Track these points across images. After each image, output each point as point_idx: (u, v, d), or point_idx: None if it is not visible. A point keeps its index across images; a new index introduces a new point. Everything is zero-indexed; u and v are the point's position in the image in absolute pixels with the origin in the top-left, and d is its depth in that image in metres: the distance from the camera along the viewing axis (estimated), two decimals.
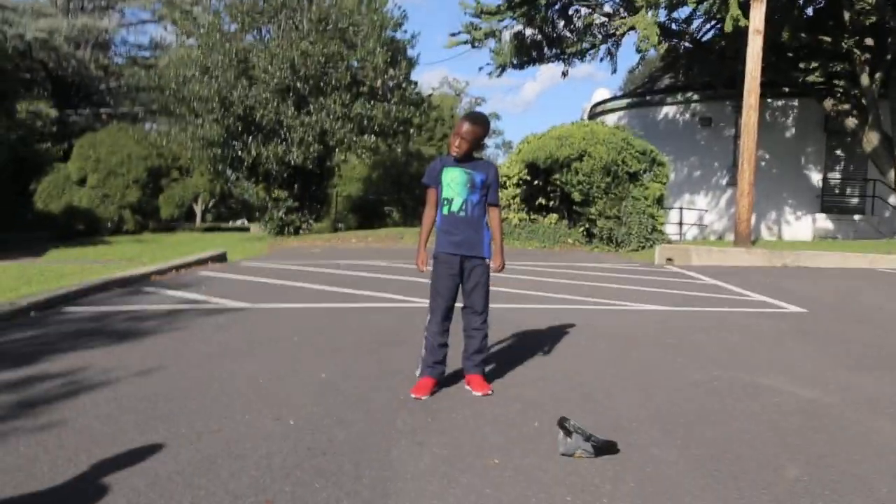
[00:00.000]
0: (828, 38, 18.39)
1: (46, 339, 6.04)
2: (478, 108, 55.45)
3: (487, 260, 4.56)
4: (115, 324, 6.77)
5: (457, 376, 4.73)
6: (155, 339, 6.06)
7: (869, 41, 18.02)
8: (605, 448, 3.42)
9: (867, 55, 18.17)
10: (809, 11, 20.13)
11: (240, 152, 21.10)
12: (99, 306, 7.81)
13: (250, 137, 20.98)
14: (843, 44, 18.02)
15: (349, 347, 5.76)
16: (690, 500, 2.95)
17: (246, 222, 47.39)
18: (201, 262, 12.53)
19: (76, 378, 4.76)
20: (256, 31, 23.27)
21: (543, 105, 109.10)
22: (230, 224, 46.42)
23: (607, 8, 21.41)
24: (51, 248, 18.61)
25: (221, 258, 13.54)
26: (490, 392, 4.46)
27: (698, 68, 22.13)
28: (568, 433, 3.43)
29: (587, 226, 17.13)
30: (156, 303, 8.06)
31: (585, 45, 22.40)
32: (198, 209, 40.82)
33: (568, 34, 22.58)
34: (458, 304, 4.59)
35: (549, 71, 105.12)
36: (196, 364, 5.17)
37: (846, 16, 17.70)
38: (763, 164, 22.54)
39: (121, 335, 6.19)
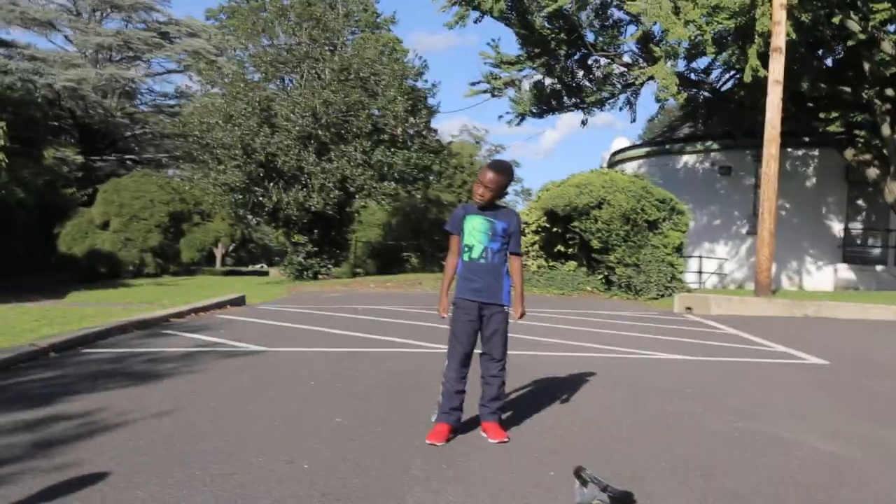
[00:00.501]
0: (848, 89, 18.42)
1: (65, 379, 6.06)
2: (497, 156, 55.77)
3: (507, 307, 4.56)
4: (133, 365, 6.80)
5: (473, 423, 4.70)
6: (172, 380, 6.07)
7: (889, 91, 18.02)
8: (621, 499, 3.38)
9: (888, 105, 18.16)
10: (829, 62, 20.19)
11: (261, 198, 21.31)
12: (118, 348, 7.84)
13: (271, 183, 21.20)
14: (863, 94, 18.04)
15: (365, 392, 5.74)
16: None
17: (265, 266, 47.72)
18: (220, 306, 12.59)
19: (93, 419, 4.77)
20: (279, 80, 23.69)
21: (563, 153, 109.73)
22: (250, 268, 46.72)
23: (626, 58, 21.59)
24: (72, 291, 18.78)
25: (240, 301, 13.60)
26: (506, 439, 4.42)
27: (717, 118, 22.18)
28: (584, 483, 3.38)
29: (606, 273, 17.08)
30: (174, 345, 8.08)
31: (604, 94, 22.56)
32: (218, 253, 41.14)
33: (587, 83, 22.77)
34: (477, 351, 4.57)
35: (569, 119, 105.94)
36: (212, 406, 5.17)
37: (866, 66, 17.75)
38: (783, 213, 22.45)
39: (139, 377, 6.21)
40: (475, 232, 4.48)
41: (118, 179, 31.35)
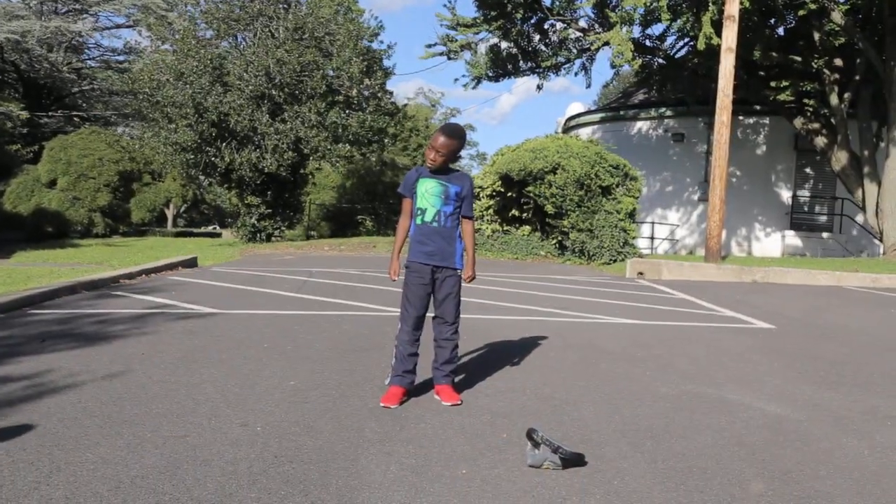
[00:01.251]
0: (798, 58, 18.67)
1: (11, 341, 5.95)
2: (453, 120, 55.60)
3: (459, 271, 4.57)
4: (81, 327, 6.70)
5: (426, 386, 4.73)
6: (122, 342, 5.99)
7: (838, 61, 18.31)
8: (572, 460, 3.43)
9: (836, 75, 18.46)
10: (781, 31, 20.42)
11: (213, 158, 20.99)
12: (66, 309, 7.71)
13: (224, 143, 20.88)
14: (813, 64, 18.30)
15: (319, 355, 5.73)
16: None
17: (218, 228, 47.17)
18: (171, 267, 12.43)
19: (41, 381, 4.69)
20: (232, 37, 23.23)
21: (519, 118, 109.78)
22: (202, 229, 46.15)
23: (582, 23, 21.59)
24: (18, 250, 18.38)
25: (192, 263, 13.44)
26: (459, 402, 4.46)
27: (671, 85, 22.36)
28: (536, 445, 3.43)
29: (560, 238, 17.20)
30: (124, 307, 7.98)
31: (560, 59, 22.58)
32: (169, 214, 40.51)
33: (543, 48, 22.75)
34: (430, 314, 4.59)
35: (525, 84, 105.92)
36: (163, 368, 5.12)
37: (816, 36, 17.99)
38: (734, 180, 22.80)
39: (88, 338, 6.12)
40: (428, 195, 4.47)
41: (65, 136, 30.64)
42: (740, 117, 22.63)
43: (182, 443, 3.60)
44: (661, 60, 22.27)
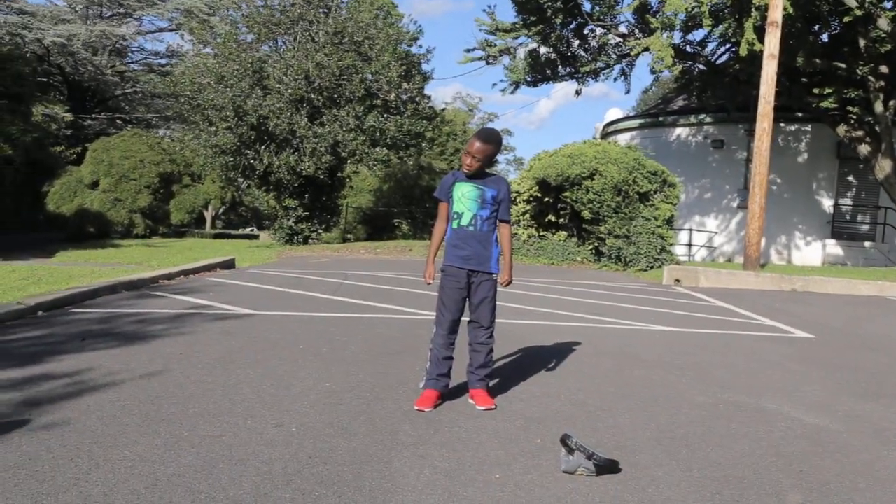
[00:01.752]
0: (842, 65, 18.38)
1: (52, 339, 6.06)
2: (490, 124, 55.51)
3: (495, 275, 4.56)
4: (121, 326, 6.79)
5: (461, 389, 4.73)
6: (161, 342, 6.07)
7: (884, 69, 18.00)
8: (606, 467, 3.41)
9: (882, 83, 18.14)
10: (825, 38, 20.11)
11: (252, 161, 21.19)
12: (106, 308, 7.83)
13: (263, 146, 21.07)
14: (857, 70, 18.00)
15: (354, 357, 5.76)
16: None
17: (255, 230, 47.60)
18: (209, 268, 12.57)
19: (81, 378, 4.77)
20: (272, 41, 23.43)
21: (557, 123, 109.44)
22: (240, 231, 46.61)
23: (622, 28, 21.46)
24: (60, 250, 18.71)
25: (230, 265, 13.58)
26: (493, 406, 4.45)
27: (712, 91, 22.12)
28: (570, 450, 3.41)
29: (596, 244, 17.11)
30: (163, 307, 8.08)
31: (600, 64, 22.45)
32: (208, 215, 40.96)
33: (582, 53, 22.65)
34: (465, 318, 4.59)
35: (564, 89, 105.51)
36: (201, 368, 5.17)
37: (861, 43, 17.69)
38: (774, 188, 22.50)
39: (127, 337, 6.21)
40: (464, 199, 4.47)
41: (108, 138, 31.11)
42: (781, 124, 22.34)
43: (218, 442, 3.64)
44: (701, 66, 22.05)
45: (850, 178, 23.03)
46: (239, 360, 5.49)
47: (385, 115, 22.04)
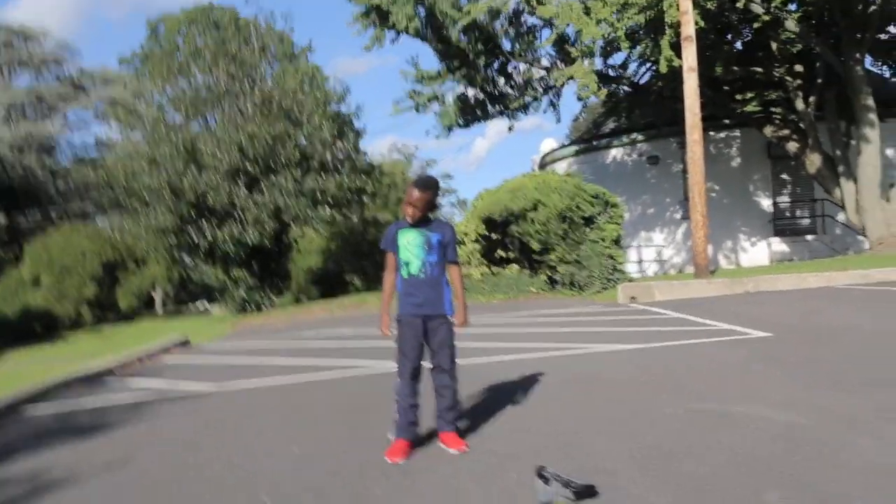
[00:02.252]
0: (759, 69, 18.96)
1: (7, 441, 5.87)
2: (429, 170, 55.79)
3: (450, 317, 4.56)
4: (78, 420, 6.62)
5: (431, 435, 4.69)
6: (121, 431, 5.92)
7: (799, 67, 18.60)
8: (584, 492, 3.40)
9: (799, 81, 18.74)
10: (739, 45, 20.74)
11: (195, 237, 20.98)
12: (61, 404, 7.63)
13: (205, 222, 20.89)
14: (774, 73, 18.58)
15: (320, 419, 5.68)
16: None
17: (206, 303, 46.89)
18: (165, 349, 12.34)
19: (40, 478, 4.62)
20: (202, 118, 23.38)
21: (495, 160, 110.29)
22: (191, 306, 45.90)
23: (544, 62, 21.91)
24: (8, 351, 18.22)
25: (185, 343, 13.36)
26: (466, 449, 4.42)
27: (640, 110, 22.65)
28: (546, 481, 3.40)
29: (549, 273, 17.21)
30: (120, 395, 7.89)
31: (527, 98, 22.84)
32: (157, 296, 40.33)
33: (509, 90, 23.03)
34: (427, 365, 4.57)
35: (497, 126, 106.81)
36: (164, 453, 5.05)
37: (774, 46, 18.29)
38: (713, 195, 22.95)
39: (85, 431, 6.04)
40: (410, 246, 4.48)
41: (45, 236, 30.60)
42: (711, 133, 22.87)
43: None
44: (626, 88, 22.56)
45: (784, 176, 23.62)
46: (204, 439, 5.37)
47: (323, 176, 22.04)
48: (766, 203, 23.60)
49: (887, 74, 21.62)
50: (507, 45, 21.16)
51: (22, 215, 36.93)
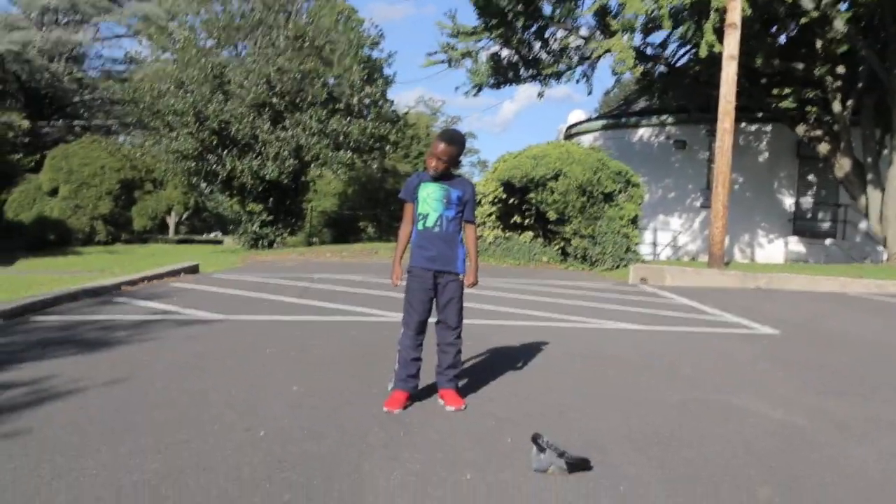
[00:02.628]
0: (800, 66, 18.65)
1: (13, 347, 5.92)
2: (454, 127, 55.54)
3: (461, 276, 4.54)
4: (83, 333, 6.67)
5: (430, 390, 4.70)
6: (124, 349, 5.96)
7: (840, 69, 18.28)
8: (578, 465, 3.40)
9: (839, 83, 18.43)
10: (783, 39, 20.39)
11: (214, 166, 21.00)
12: (68, 316, 7.69)
13: (225, 151, 20.89)
14: (815, 71, 18.27)
15: (322, 361, 5.71)
16: None
17: (220, 235, 47.18)
18: (173, 274, 12.40)
19: (43, 387, 4.67)
20: (233, 46, 23.29)
21: (520, 125, 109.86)
22: (204, 237, 46.15)
23: (583, 31, 21.56)
24: (20, 258, 18.38)
25: (194, 270, 13.41)
26: (463, 407, 4.43)
27: (673, 92, 22.34)
28: (541, 449, 3.40)
29: (562, 244, 17.17)
30: (126, 313, 7.95)
31: (562, 66, 22.55)
32: (171, 221, 40.54)
33: (544, 56, 22.72)
34: (432, 320, 4.56)
35: (526, 91, 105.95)
36: (166, 375, 5.09)
37: (818, 44, 17.96)
38: (737, 187, 22.78)
39: (90, 345, 6.09)
40: (430, 200, 4.45)
41: (67, 146, 30.66)
42: (742, 124, 22.62)
43: (185, 448, 3.57)
44: (662, 68, 22.25)
45: (811, 177, 23.39)
46: (205, 366, 5.41)
47: (348, 119, 21.96)
48: (788, 202, 23.40)
49: None
50: (547, 8, 20.82)
51: (45, 122, 36.97)
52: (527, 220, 17.96)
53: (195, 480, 3.17)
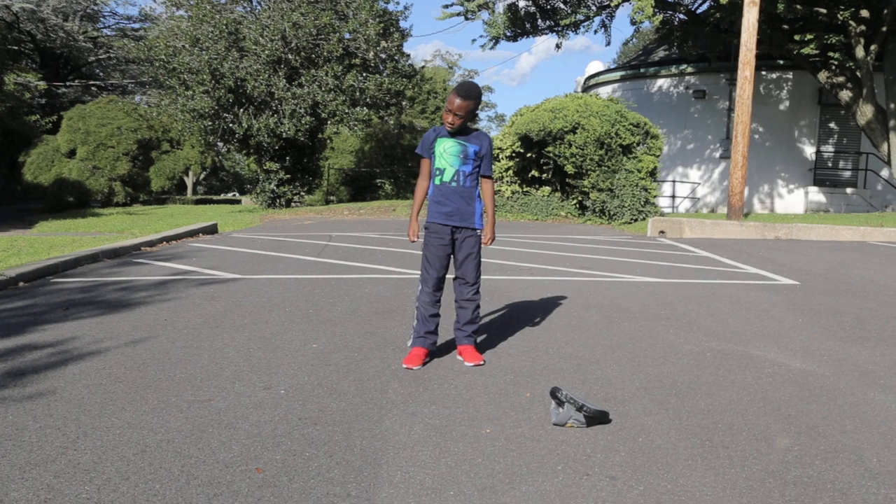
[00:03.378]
0: (823, 10, 18.28)
1: (35, 309, 6.00)
2: (470, 80, 55.03)
3: (479, 231, 4.53)
4: (104, 294, 6.73)
5: (449, 346, 4.72)
6: (145, 309, 6.02)
7: (864, 13, 17.91)
8: (596, 418, 3.41)
9: (862, 27, 18.07)
10: None
11: (231, 124, 20.96)
12: (88, 277, 7.76)
13: (241, 109, 20.84)
14: (838, 16, 17.91)
15: (341, 318, 5.74)
16: (682, 470, 2.94)
17: (237, 195, 47.33)
18: (192, 234, 12.48)
19: (65, 348, 4.73)
20: (247, 2, 23.07)
21: (538, 78, 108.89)
22: (221, 196, 46.32)
23: None
24: (40, 220, 18.53)
25: (212, 230, 13.49)
26: (482, 362, 4.45)
27: (693, 41, 21.99)
28: (560, 403, 3.41)
29: (580, 198, 17.09)
30: (146, 274, 8.01)
31: (580, 16, 22.23)
32: (189, 181, 40.64)
33: (562, 5, 22.41)
34: (450, 276, 4.56)
35: (544, 43, 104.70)
36: (186, 334, 5.14)
37: None
38: (756, 137, 22.52)
39: (111, 305, 6.16)
40: (446, 155, 4.42)
41: (83, 106, 30.67)
42: (763, 72, 22.29)
43: (206, 407, 3.62)
44: (682, 16, 21.89)
45: (832, 125, 23.07)
46: (225, 325, 5.45)
47: (364, 75, 21.80)
48: (808, 151, 23.12)
49: None
50: None
51: (61, 83, 36.98)
52: (544, 175, 17.88)
53: (217, 438, 3.21)
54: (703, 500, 2.66)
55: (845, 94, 19.25)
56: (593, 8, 22.16)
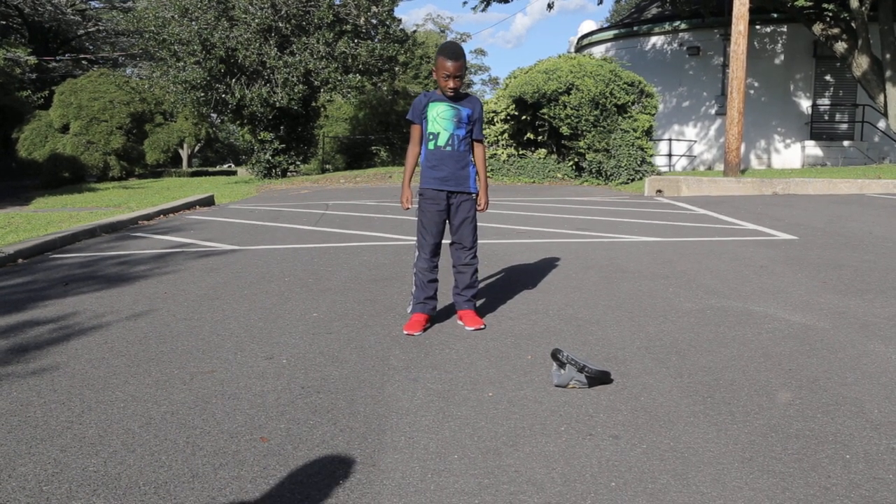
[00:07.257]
0: None
1: (35, 285, 6.00)
2: (464, 45, 54.62)
3: (474, 194, 4.51)
4: (103, 269, 6.73)
5: (449, 311, 4.73)
6: (145, 282, 6.02)
7: None
8: (598, 378, 3.43)
9: None
10: None
11: (223, 95, 20.82)
12: (87, 252, 7.76)
13: (233, 80, 20.68)
14: None
15: (340, 286, 5.74)
16: (684, 427, 2.96)
17: (233, 166, 47.14)
18: (189, 206, 12.46)
19: (67, 323, 4.74)
20: None
21: (532, 40, 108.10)
22: (217, 168, 46.15)
23: None
24: (37, 196, 18.48)
25: (209, 202, 13.46)
26: (482, 326, 4.46)
27: None
28: (561, 364, 3.42)
29: (576, 160, 17.04)
30: (144, 247, 8.01)
31: None
32: (184, 154, 40.45)
33: None
34: (447, 241, 4.55)
35: (538, 3, 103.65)
36: (187, 306, 5.15)
37: None
38: (752, 92, 22.40)
39: (110, 280, 6.16)
40: (440, 119, 4.38)
41: (75, 80, 30.41)
42: (757, 26, 22.11)
43: (209, 378, 3.63)
44: None
45: (828, 78, 22.94)
46: (225, 296, 5.46)
47: (356, 41, 21.61)
48: (805, 104, 23.01)
49: None
50: None
51: (51, 57, 36.66)
52: (540, 137, 17.80)
53: (221, 409, 3.22)
54: (706, 457, 2.68)
55: (840, 46, 19.12)
56: None
